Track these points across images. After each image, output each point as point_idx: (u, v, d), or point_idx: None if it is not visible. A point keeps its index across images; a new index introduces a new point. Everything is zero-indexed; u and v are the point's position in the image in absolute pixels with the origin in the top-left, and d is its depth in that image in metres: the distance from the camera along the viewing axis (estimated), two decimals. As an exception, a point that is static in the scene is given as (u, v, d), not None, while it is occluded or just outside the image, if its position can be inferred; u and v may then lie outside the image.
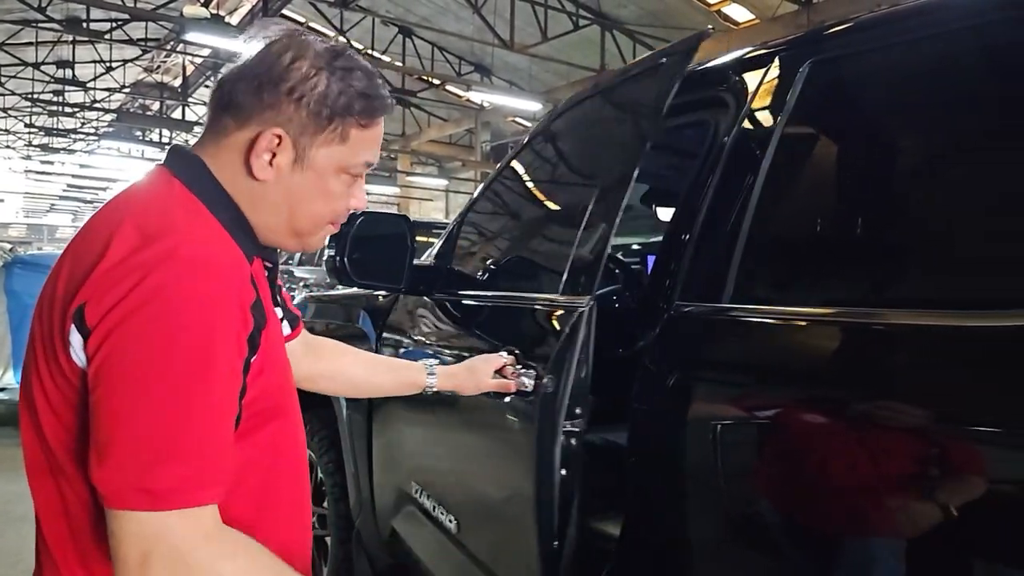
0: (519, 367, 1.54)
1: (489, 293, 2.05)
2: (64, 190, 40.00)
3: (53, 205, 46.59)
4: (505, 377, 1.53)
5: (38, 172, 32.26)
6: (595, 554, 1.53)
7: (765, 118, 1.52)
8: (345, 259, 1.99)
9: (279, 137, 0.96)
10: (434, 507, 1.94)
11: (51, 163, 30.92)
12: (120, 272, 0.83)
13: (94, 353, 0.82)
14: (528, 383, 1.49)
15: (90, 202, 43.45)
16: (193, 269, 0.84)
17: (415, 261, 2.14)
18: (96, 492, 0.83)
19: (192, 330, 0.83)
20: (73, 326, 0.84)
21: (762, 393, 1.30)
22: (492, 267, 2.15)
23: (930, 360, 1.11)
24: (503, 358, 1.55)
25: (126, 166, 28.26)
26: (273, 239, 1.04)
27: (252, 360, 0.93)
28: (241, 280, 0.92)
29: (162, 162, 1.01)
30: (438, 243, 2.37)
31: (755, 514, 1.27)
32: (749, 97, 1.56)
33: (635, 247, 3.36)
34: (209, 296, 0.85)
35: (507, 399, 1.54)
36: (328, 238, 1.16)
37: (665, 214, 2.79)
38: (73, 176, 33.72)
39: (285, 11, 16.88)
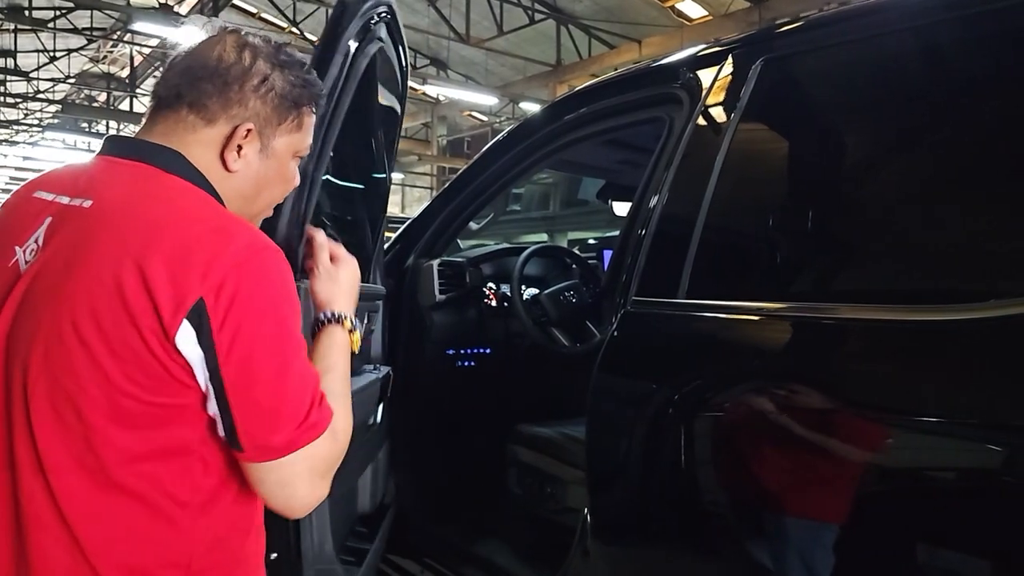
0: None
1: None
2: (7, 183, 38.92)
3: (-5, 198, 45.30)
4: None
5: (-21, 164, 31.31)
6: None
7: (719, 114, 1.53)
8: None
9: (249, 131, 1.05)
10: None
11: (-7, 155, 30.02)
12: (223, 269, 0.90)
13: (229, 346, 0.90)
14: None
15: (34, 195, 42.32)
16: (276, 257, 0.97)
17: None
18: (253, 454, 0.94)
19: (292, 305, 0.98)
20: (187, 322, 0.89)
21: (717, 387, 1.31)
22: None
23: (878, 353, 1.14)
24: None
25: (71, 159, 27.59)
26: None
27: None
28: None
29: (131, 156, 1.02)
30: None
31: (711, 505, 1.29)
32: (704, 94, 1.57)
33: (591, 242, 3.38)
34: (290, 277, 0.99)
35: None
36: None
37: (621, 210, 2.81)
38: (16, 168, 32.79)
39: (237, 1, 16.64)
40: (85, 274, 0.90)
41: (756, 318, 1.32)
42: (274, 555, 1.37)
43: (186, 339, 0.89)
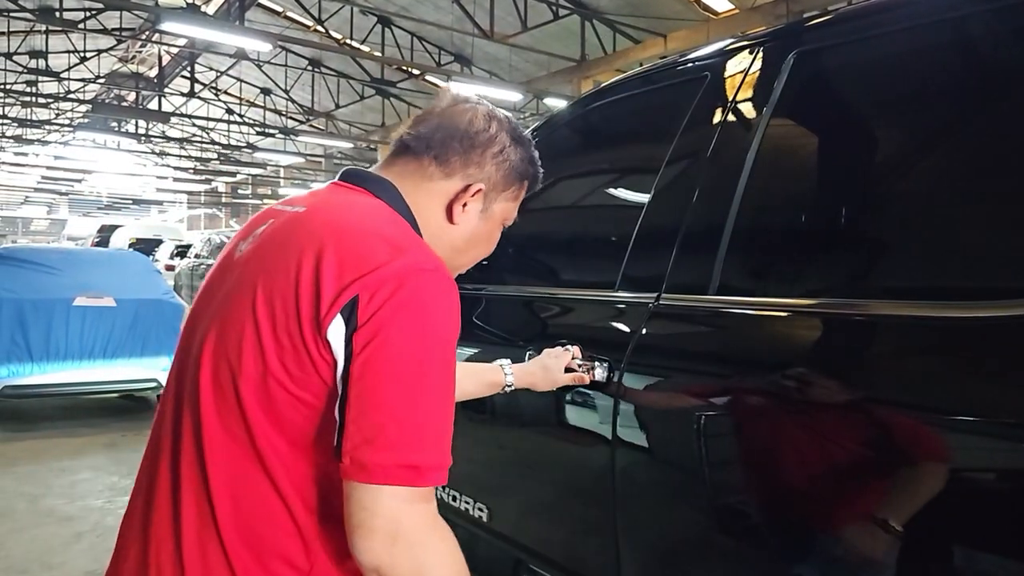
0: (589, 361, 1.56)
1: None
2: (38, 182, 39.53)
3: (28, 197, 46.02)
4: (574, 371, 1.57)
5: (11, 164, 31.80)
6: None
7: (748, 109, 1.53)
8: None
9: (479, 191, 1.16)
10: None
11: (25, 155, 30.53)
12: (384, 275, 0.93)
13: (364, 345, 0.91)
14: (602, 375, 1.52)
15: (65, 194, 42.95)
16: (441, 280, 0.98)
17: None
18: (348, 470, 0.91)
19: (442, 333, 0.96)
20: (339, 316, 0.92)
21: (749, 386, 1.32)
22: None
23: (911, 349, 1.14)
24: (570, 351, 1.59)
25: (101, 157, 27.97)
26: None
27: None
28: (457, 290, 1.03)
29: (354, 183, 1.14)
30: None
31: (752, 508, 1.29)
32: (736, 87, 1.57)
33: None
34: (451, 304, 0.98)
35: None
36: None
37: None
38: (47, 168, 33.32)
39: (263, 0, 16.76)
40: (274, 264, 1.00)
41: (787, 314, 1.32)
42: None
43: (336, 333, 0.92)
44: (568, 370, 1.57)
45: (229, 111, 26.11)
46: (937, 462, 1.05)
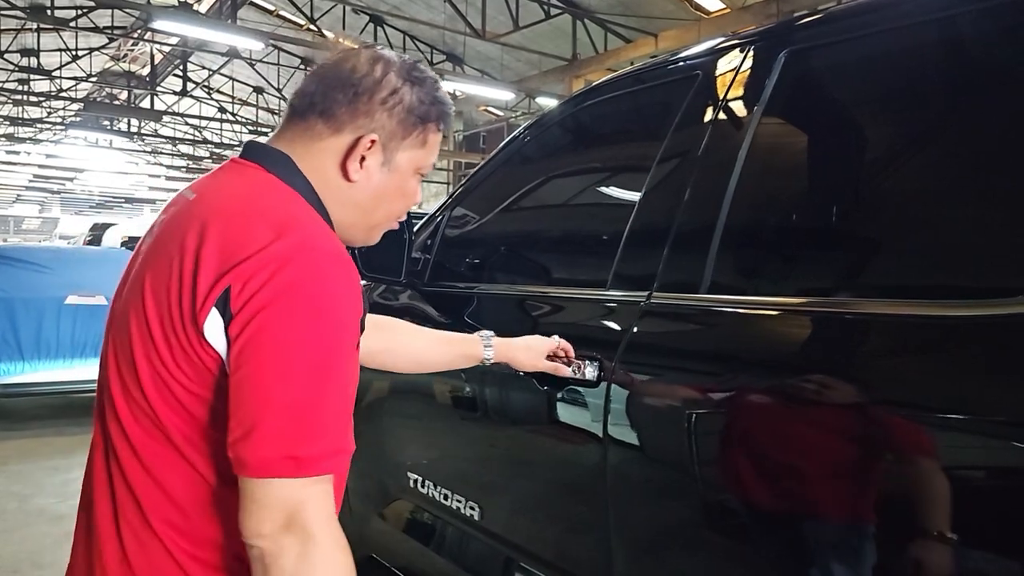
0: (580, 360, 1.56)
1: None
2: (30, 180, 39.32)
3: (19, 195, 45.78)
4: (556, 362, 1.57)
5: (3, 162, 31.64)
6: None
7: (739, 108, 1.54)
8: (355, 252, 2.02)
9: (373, 142, 1.06)
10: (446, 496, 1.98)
11: (17, 153, 30.38)
12: (260, 261, 0.89)
13: (237, 335, 0.88)
14: (593, 374, 1.52)
15: (57, 192, 42.72)
16: (325, 260, 0.92)
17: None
18: (232, 464, 0.88)
19: (329, 315, 0.91)
20: (215, 310, 0.89)
21: (740, 385, 1.32)
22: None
23: (900, 348, 1.14)
24: (557, 342, 1.59)
25: (93, 156, 27.86)
26: (347, 235, 1.12)
27: (359, 341, 1.01)
28: (355, 269, 0.99)
29: (246, 157, 1.07)
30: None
31: (738, 506, 1.30)
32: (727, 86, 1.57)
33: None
34: (340, 285, 0.93)
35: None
36: None
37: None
38: (39, 166, 33.15)
39: (255, -1, 16.71)
40: (159, 258, 0.96)
41: (777, 313, 1.33)
42: None
43: (213, 328, 0.89)
44: (551, 360, 1.57)
45: (222, 110, 26.04)
46: (923, 458, 1.05)
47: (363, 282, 1.62)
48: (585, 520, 1.55)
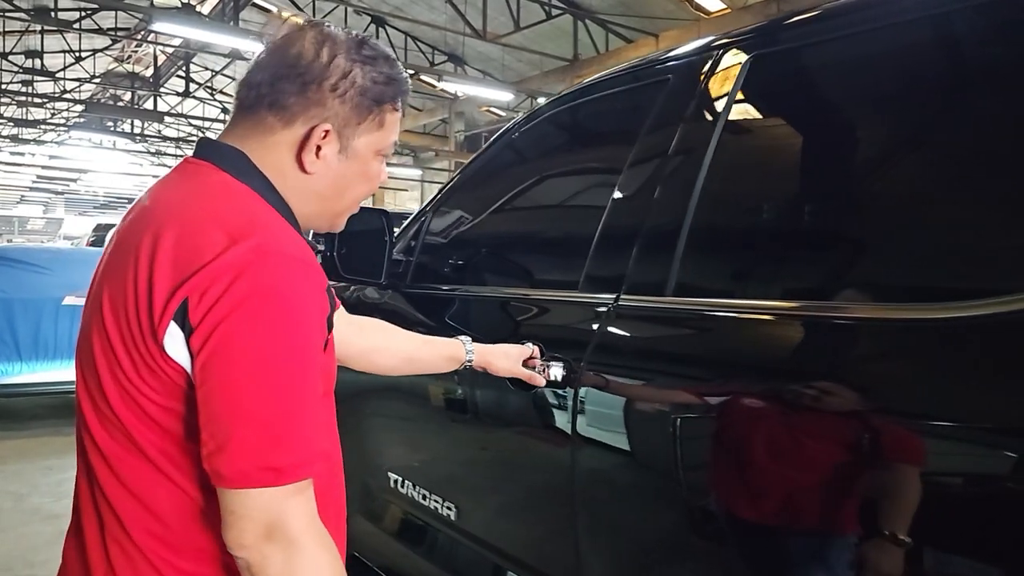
0: (547, 360, 1.57)
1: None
2: (34, 181, 39.40)
3: (23, 196, 45.87)
4: (531, 369, 1.57)
5: (7, 163, 31.71)
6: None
7: (706, 112, 1.55)
8: (334, 254, 2.03)
9: (327, 132, 1.01)
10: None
11: (21, 154, 30.43)
12: (216, 270, 0.86)
13: (200, 348, 0.86)
14: (559, 375, 1.53)
15: (61, 193, 42.81)
16: (285, 263, 0.90)
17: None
18: (210, 476, 0.88)
19: (291, 319, 0.88)
20: (174, 323, 0.87)
21: (708, 388, 1.33)
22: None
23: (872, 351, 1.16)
24: (531, 348, 1.59)
25: (97, 157, 27.90)
26: (313, 224, 1.11)
27: (327, 340, 0.99)
28: (317, 267, 0.97)
29: (199, 156, 1.03)
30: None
31: (714, 508, 1.31)
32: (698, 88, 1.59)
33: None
34: (302, 287, 0.91)
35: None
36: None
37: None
38: (43, 167, 33.21)
39: (257, 0, 16.73)
40: (115, 269, 0.94)
41: (741, 315, 1.34)
42: None
43: (173, 342, 0.87)
44: (528, 368, 1.59)
45: (224, 110, 26.05)
46: (895, 460, 1.05)
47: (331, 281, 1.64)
48: (556, 520, 1.57)
